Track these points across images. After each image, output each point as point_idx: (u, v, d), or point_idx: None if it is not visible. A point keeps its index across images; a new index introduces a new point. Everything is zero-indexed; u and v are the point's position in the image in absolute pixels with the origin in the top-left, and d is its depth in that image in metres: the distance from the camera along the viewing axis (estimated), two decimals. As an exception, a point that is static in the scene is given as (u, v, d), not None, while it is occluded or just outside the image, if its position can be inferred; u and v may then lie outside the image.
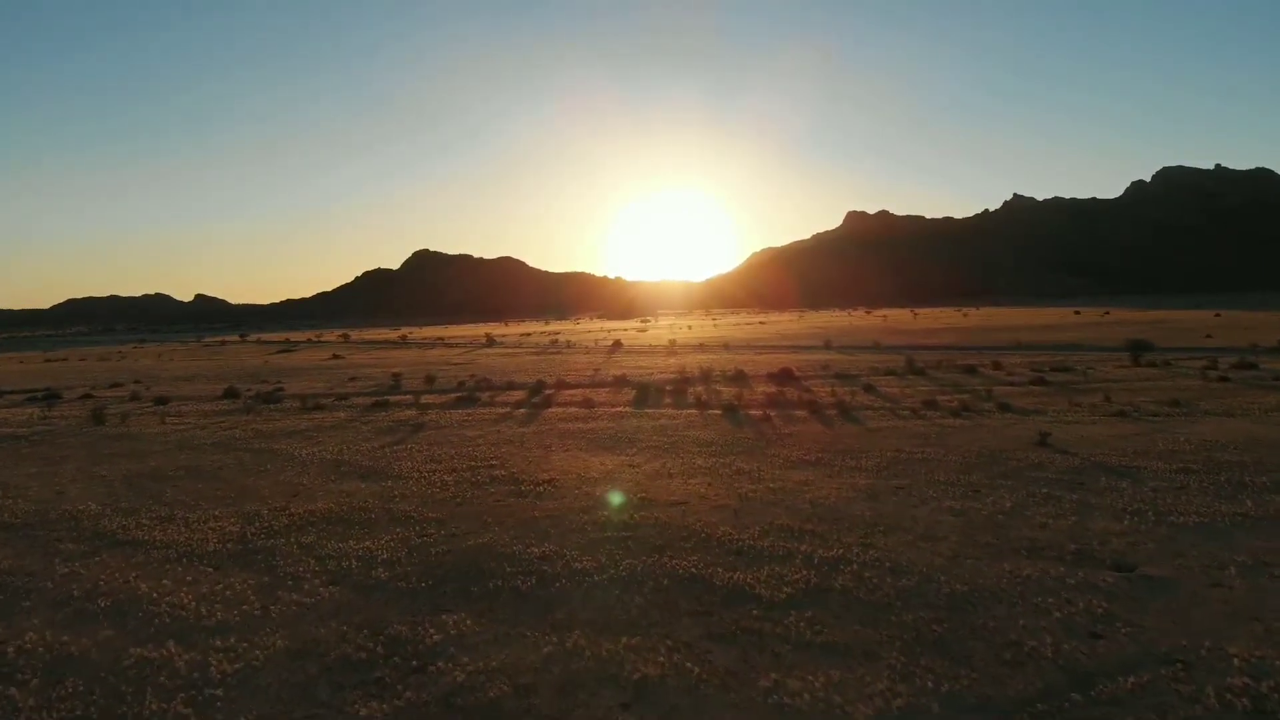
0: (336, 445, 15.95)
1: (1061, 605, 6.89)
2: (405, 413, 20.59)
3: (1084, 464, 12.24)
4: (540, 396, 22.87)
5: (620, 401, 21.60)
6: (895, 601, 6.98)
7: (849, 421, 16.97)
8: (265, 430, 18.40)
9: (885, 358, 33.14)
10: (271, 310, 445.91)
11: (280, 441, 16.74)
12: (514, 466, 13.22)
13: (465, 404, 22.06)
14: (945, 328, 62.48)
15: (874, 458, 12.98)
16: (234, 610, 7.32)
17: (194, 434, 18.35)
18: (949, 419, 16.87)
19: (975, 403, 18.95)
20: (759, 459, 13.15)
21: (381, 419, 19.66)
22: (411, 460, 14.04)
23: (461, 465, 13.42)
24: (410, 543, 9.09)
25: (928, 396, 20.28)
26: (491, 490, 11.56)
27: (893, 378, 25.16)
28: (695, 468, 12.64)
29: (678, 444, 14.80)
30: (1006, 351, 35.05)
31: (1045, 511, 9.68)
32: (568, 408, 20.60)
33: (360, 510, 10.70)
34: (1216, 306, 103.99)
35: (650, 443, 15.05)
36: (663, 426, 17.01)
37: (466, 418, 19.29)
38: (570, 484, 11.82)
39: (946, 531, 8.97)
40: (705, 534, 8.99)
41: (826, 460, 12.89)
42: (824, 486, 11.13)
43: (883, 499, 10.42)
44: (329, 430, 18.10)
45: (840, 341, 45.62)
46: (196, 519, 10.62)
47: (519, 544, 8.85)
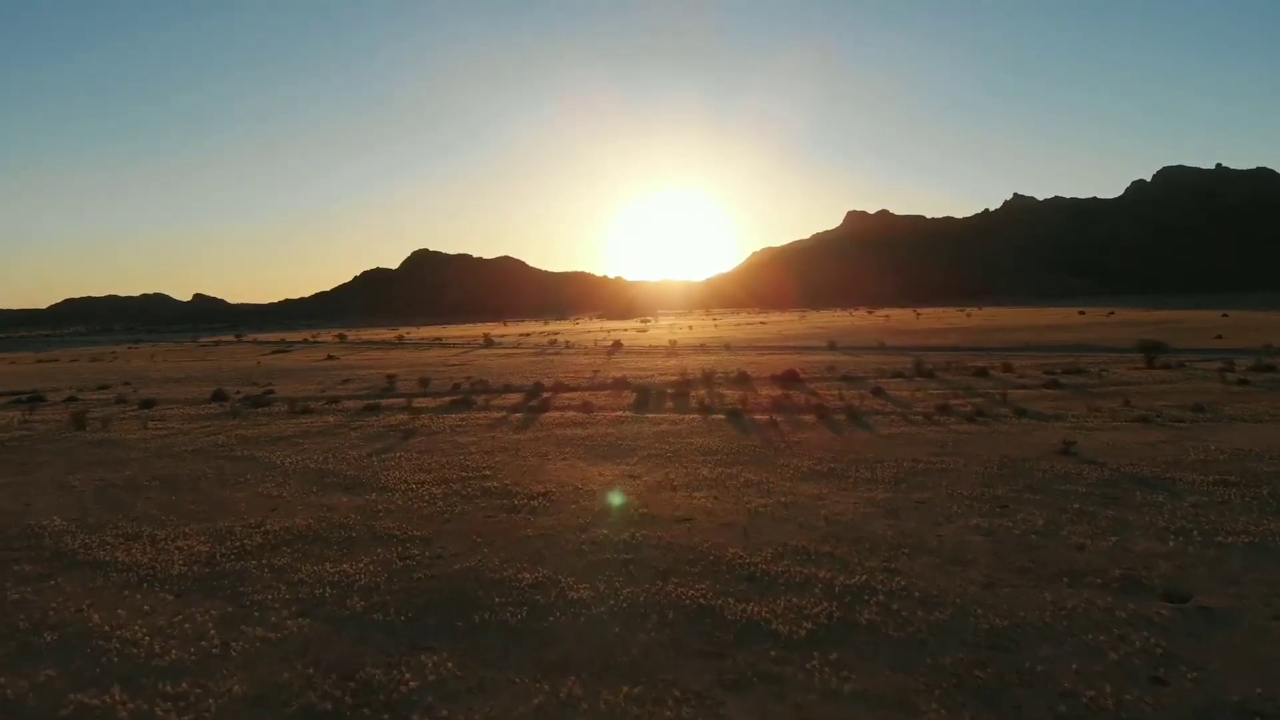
0: (322, 453, 15.20)
1: (1115, 644, 6.14)
2: (397, 417, 19.84)
3: (1114, 475, 11.49)
4: (537, 400, 22.12)
5: (620, 405, 20.85)
6: (929, 639, 6.22)
7: (860, 428, 16.22)
8: (250, 436, 17.64)
9: (891, 359, 32.40)
10: (270, 310, 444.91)
11: (264, 449, 15.98)
12: (507, 477, 12.47)
13: (460, 408, 21.30)
14: (949, 328, 61.73)
15: (890, 468, 12.23)
16: (191, 648, 6.56)
17: (175, 440, 17.60)
18: (964, 425, 16.12)
19: (990, 407, 18.21)
20: (768, 469, 12.40)
21: (372, 424, 18.90)
22: (399, 470, 13.29)
23: (452, 476, 12.67)
24: (391, 566, 8.34)
25: (940, 400, 19.54)
26: (482, 504, 10.80)
27: (901, 380, 24.41)
28: (700, 479, 11.89)
29: (681, 452, 14.05)
30: (1015, 353, 34.31)
31: (1081, 530, 8.93)
32: (565, 412, 19.85)
33: (340, 527, 9.94)
34: (1218, 306, 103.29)
35: (651, 451, 14.30)
36: (664, 433, 16.26)
37: (460, 423, 18.53)
38: (567, 497, 11.07)
39: (976, 554, 8.22)
40: (713, 556, 8.24)
41: (839, 471, 12.14)
42: (839, 501, 10.38)
43: (903, 515, 9.67)
44: (316, 436, 17.34)
45: (844, 342, 44.88)
46: (164, 537, 9.86)
47: (510, 568, 8.10)
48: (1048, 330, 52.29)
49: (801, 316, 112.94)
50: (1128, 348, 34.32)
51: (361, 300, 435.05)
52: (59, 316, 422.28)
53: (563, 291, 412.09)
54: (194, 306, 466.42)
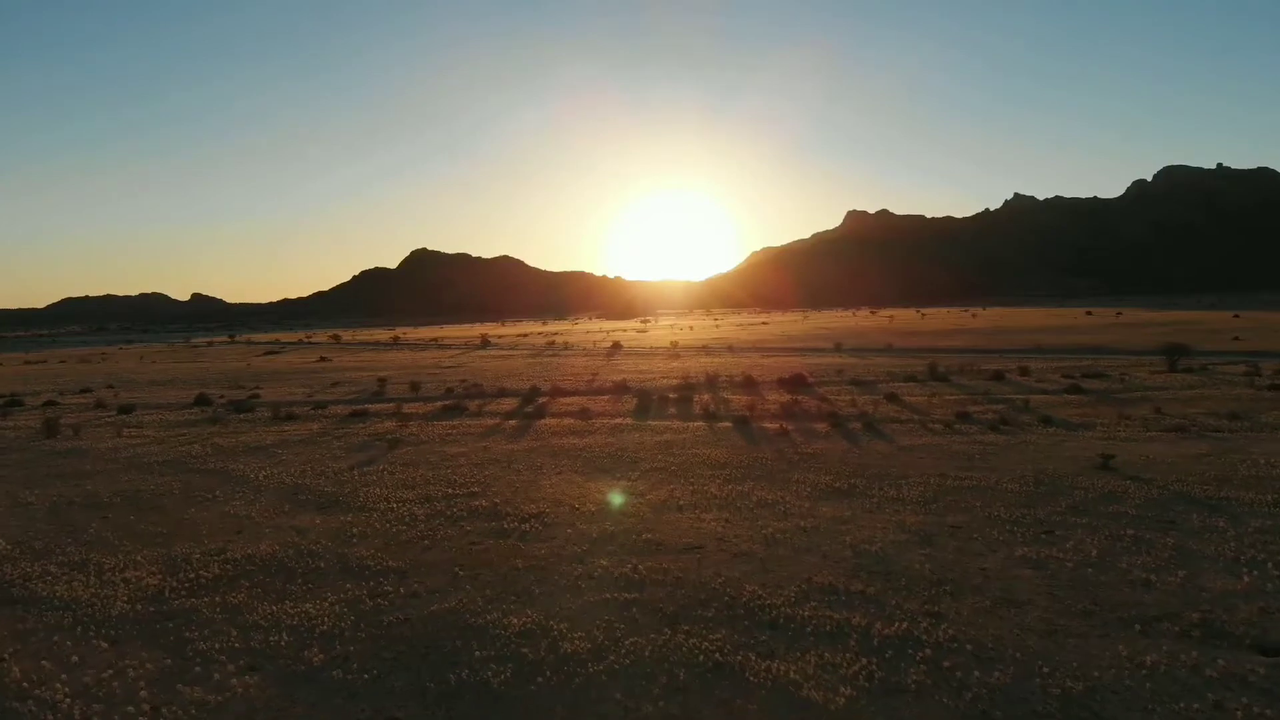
0: (300, 465, 14.16)
1: (1212, 714, 5.12)
2: (384, 424, 18.80)
3: (1163, 495, 10.47)
4: (533, 406, 21.08)
5: (620, 412, 19.82)
6: (993, 710, 5.19)
7: (877, 438, 15.18)
8: (226, 445, 16.60)
9: (901, 361, 31.37)
10: (268, 310, 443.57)
11: (239, 460, 14.94)
12: (498, 494, 11.43)
13: (451, 414, 20.26)
14: (956, 329, 60.66)
15: (916, 485, 11.19)
16: (115, 715, 5.53)
17: (147, 450, 16.55)
18: (989, 435, 15.09)
19: (1013, 415, 17.18)
20: (782, 486, 11.36)
21: (357, 432, 17.86)
22: (381, 486, 12.24)
23: (437, 492, 11.63)
24: (360, 606, 7.30)
25: (958, 407, 18.52)
26: (468, 528, 9.76)
27: (914, 385, 23.38)
28: (708, 498, 10.85)
29: (686, 466, 13.01)
30: (1028, 355, 33.28)
31: (1142, 563, 7.90)
32: (563, 419, 18.82)
33: (309, 555, 8.90)
34: (1222, 307, 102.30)
35: (654, 464, 13.26)
36: (668, 443, 15.23)
37: (450, 431, 17.49)
38: (562, 519, 10.03)
39: (1029, 592, 7.19)
40: (729, 595, 7.20)
41: (861, 488, 11.10)
42: (865, 525, 9.34)
43: (939, 543, 8.63)
44: (296, 446, 16.30)
45: (850, 344, 43.81)
46: (113, 566, 8.83)
47: (494, 609, 7.06)
48: (1058, 332, 51.23)
49: (804, 317, 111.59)
50: (1145, 350, 33.31)
51: (360, 300, 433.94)
52: (56, 316, 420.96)
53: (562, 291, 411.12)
54: (192, 306, 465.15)
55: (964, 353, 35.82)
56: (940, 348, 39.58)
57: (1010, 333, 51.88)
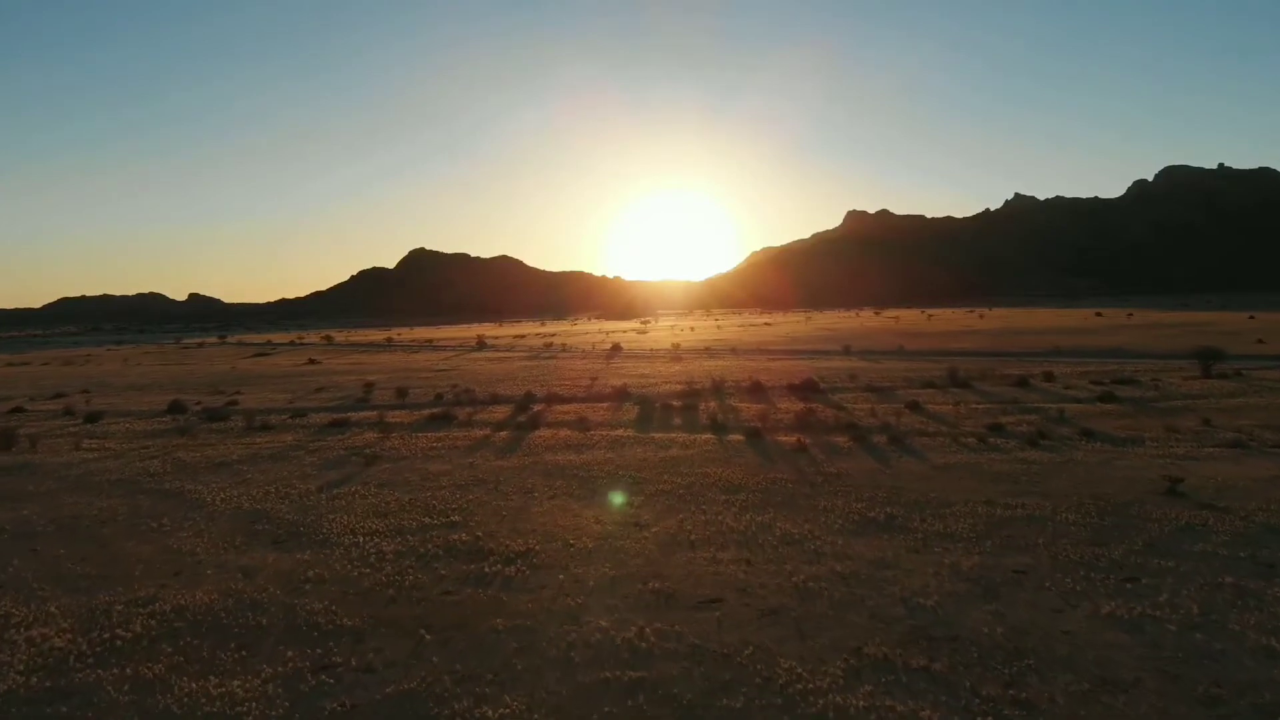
0: (264, 486, 12.71)
1: None
2: (364, 436, 17.34)
3: (1249, 528, 9.04)
4: (527, 415, 19.64)
5: (621, 422, 18.38)
6: None
7: (906, 454, 13.73)
8: (189, 461, 15.15)
9: (916, 365, 29.92)
10: (266, 310, 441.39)
11: (199, 479, 13.49)
12: (480, 525, 9.98)
13: (438, 424, 18.81)
14: (964, 330, 59.11)
15: (962, 515, 9.75)
16: None
17: (102, 466, 15.10)
18: (1029, 451, 13.65)
19: (1050, 427, 15.75)
20: (808, 516, 9.91)
21: (334, 445, 16.41)
22: (350, 513, 10.79)
23: (411, 522, 10.17)
24: (297, 686, 5.85)
25: (988, 417, 17.09)
26: (443, 570, 8.32)
27: (935, 391, 21.93)
28: (724, 531, 9.40)
29: (696, 489, 11.56)
30: (1048, 359, 31.84)
31: (1256, 622, 6.48)
32: (558, 430, 17.37)
33: (251, 607, 7.46)
34: (1234, 307, 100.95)
35: (660, 485, 11.82)
36: (674, 459, 13.78)
37: (435, 444, 16.04)
38: (553, 559, 8.59)
39: (1132, 669, 5.76)
40: (760, 676, 5.76)
41: (901, 519, 9.65)
42: (912, 570, 7.90)
43: (1005, 595, 7.20)
44: (265, 462, 14.85)
45: (859, 346, 42.27)
46: (21, 619, 7.40)
47: (464, 695, 5.62)
48: (1071, 333, 49.71)
49: (807, 318, 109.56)
50: (1169, 353, 31.91)
51: (358, 300, 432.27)
52: (52, 316, 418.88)
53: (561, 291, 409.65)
54: (190, 307, 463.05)
55: (978, 356, 34.38)
56: (952, 350, 38.13)
57: (1021, 334, 50.40)
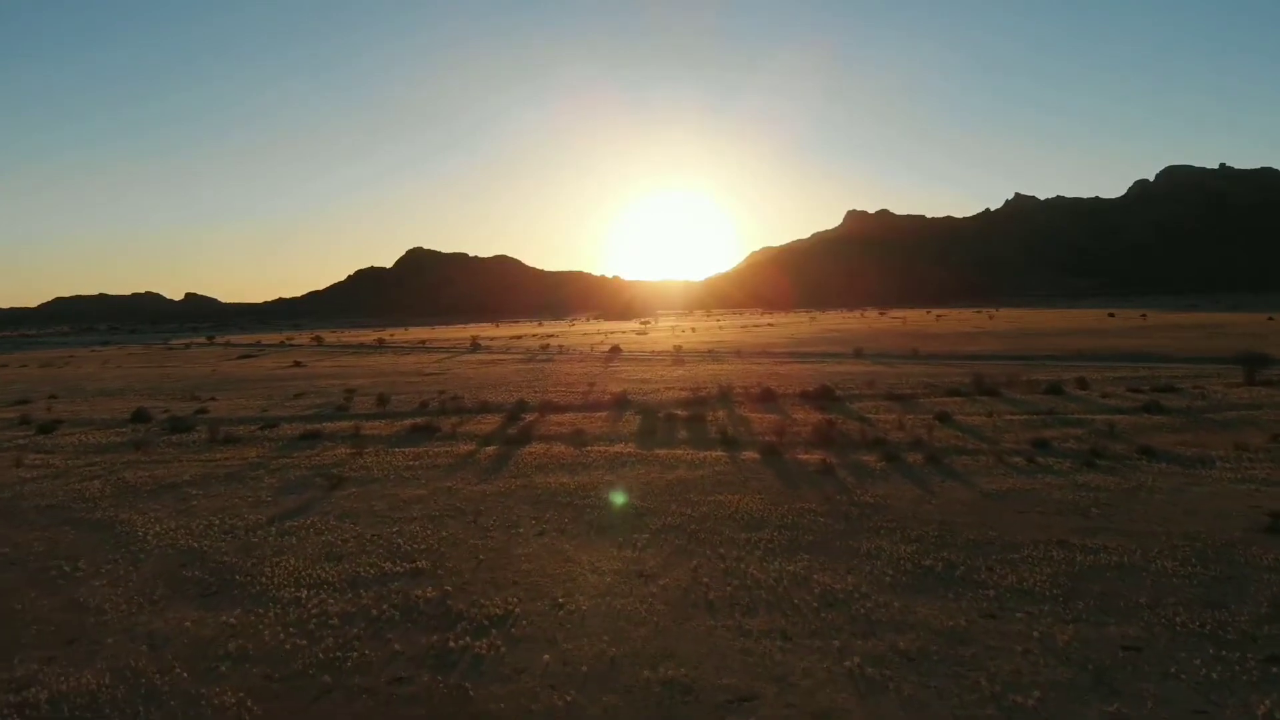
0: (210, 515, 10.95)
1: None
2: (334, 452, 15.57)
3: (1399, 581, 7.30)
4: (518, 426, 17.89)
5: (621, 435, 16.63)
6: None
7: (948, 477, 11.98)
8: (135, 482, 13.39)
9: (934, 370, 28.13)
10: (263, 309, 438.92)
11: (140, 505, 11.74)
12: (452, 573, 8.24)
13: (419, 437, 17.06)
14: (976, 331, 57.13)
15: (1035, 561, 8.01)
16: None
17: (37, 487, 13.35)
18: (1088, 474, 11.90)
19: (1102, 443, 14.00)
20: (850, 564, 8.16)
21: (299, 462, 14.64)
22: (299, 554, 9.03)
23: (369, 569, 8.42)
24: None
25: (1028, 431, 15.35)
26: (398, 645, 6.56)
27: (962, 400, 20.18)
28: (750, 585, 7.66)
29: (710, 523, 9.81)
30: (1074, 364, 30.09)
31: None
32: (551, 444, 15.62)
33: (145, 698, 5.73)
34: (1238, 308, 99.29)
35: (667, 519, 10.07)
36: (682, 483, 12.03)
37: (413, 462, 14.27)
38: (537, 626, 6.84)
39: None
40: (823, 841, 4.00)
41: (964, 568, 7.90)
42: (995, 647, 6.14)
43: (1124, 687, 5.46)
44: (218, 484, 13.08)
45: (870, 348, 40.34)
46: None
47: None
48: (1088, 335, 47.84)
49: (812, 319, 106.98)
50: (1203, 357, 30.19)
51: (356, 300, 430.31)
52: (48, 316, 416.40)
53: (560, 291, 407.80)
54: (186, 306, 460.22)
55: (997, 359, 32.61)
56: (968, 353, 36.35)
57: (1037, 336, 48.54)
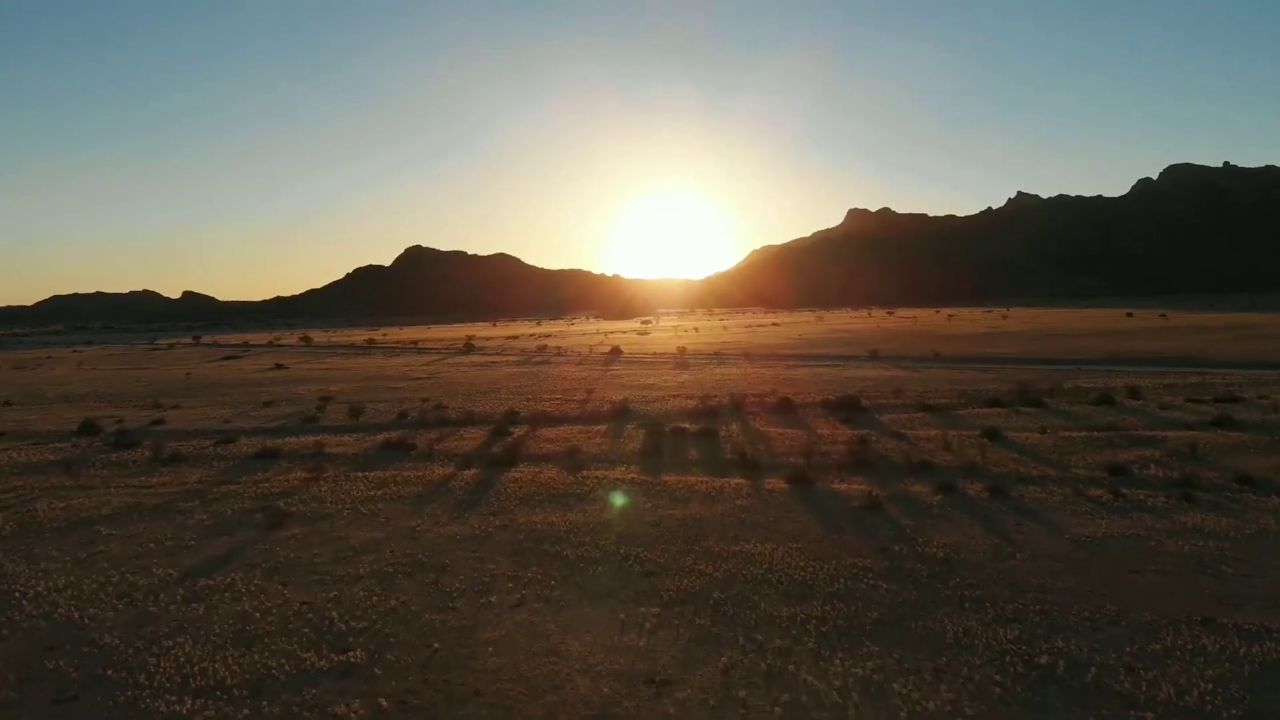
0: (110, 570, 8.76)
1: None
2: (289, 476, 13.37)
3: None
4: (504, 443, 15.71)
5: (621, 455, 14.44)
6: None
7: (1021, 515, 9.78)
8: (44, 517, 11.20)
9: (963, 375, 25.89)
10: (261, 308, 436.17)
11: (35, 550, 9.56)
12: (392, 676, 6.04)
13: (389, 456, 14.87)
14: (993, 332, 54.58)
15: (1186, 655, 5.82)
16: None
17: (-78, 522, 11.14)
18: (1191, 513, 9.71)
19: (1189, 468, 11.81)
20: (935, 663, 5.96)
21: (244, 491, 12.45)
22: (197, 638, 6.84)
23: (283, 665, 6.22)
24: None
25: (1094, 451, 13.18)
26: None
27: (1005, 412, 17.97)
28: (806, 703, 5.46)
29: (738, 588, 7.62)
30: (1112, 369, 27.90)
31: None
32: (541, 467, 13.44)
33: None
34: (1256, 308, 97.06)
35: (683, 581, 7.88)
36: (697, 523, 9.84)
37: (375, 492, 12.07)
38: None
39: None
40: None
41: (1096, 668, 5.70)
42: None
43: None
44: (140, 520, 10.89)
45: (886, 350, 37.93)
46: None
47: None
48: (1115, 336, 45.41)
49: (819, 319, 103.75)
50: (1245, 362, 28.02)
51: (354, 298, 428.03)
52: (44, 314, 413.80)
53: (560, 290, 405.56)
54: (183, 304, 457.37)
55: (1026, 363, 30.40)
56: (991, 356, 34.12)
57: (1059, 337, 46.20)
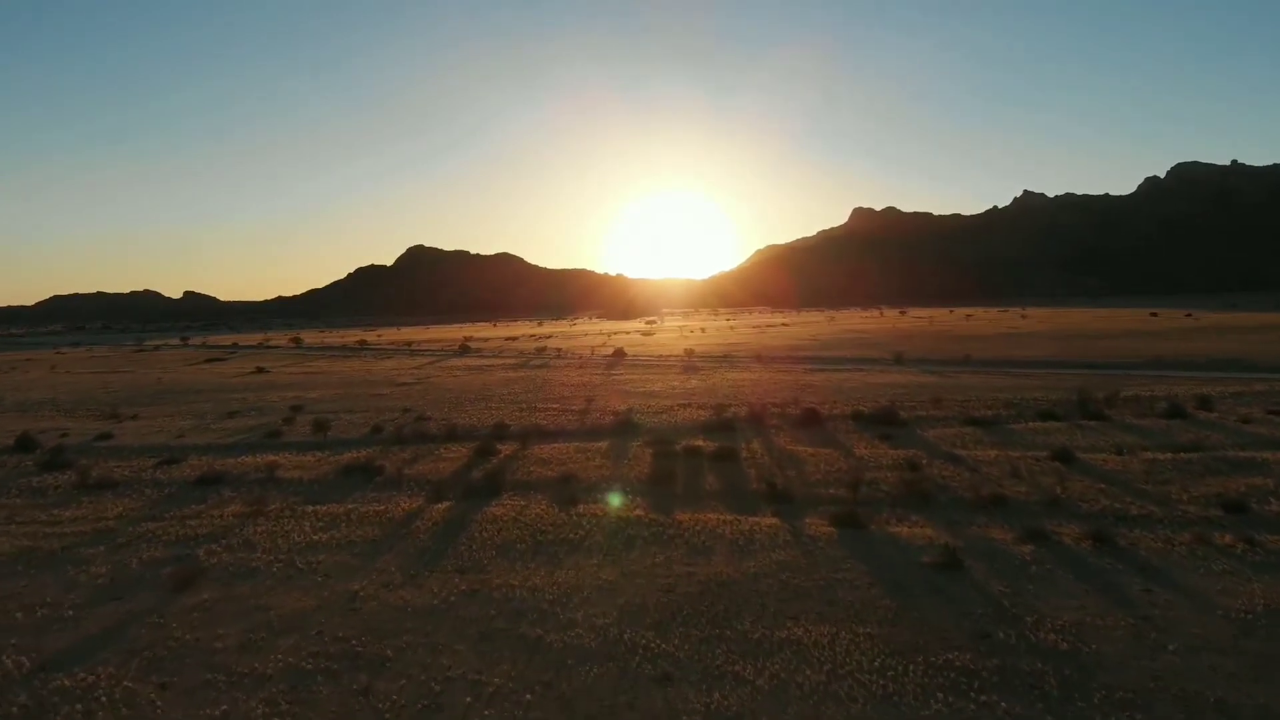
0: (-68, 659, 6.49)
1: None
2: (225, 510, 11.10)
3: None
4: (486, 467, 13.44)
5: (625, 481, 12.16)
6: None
7: (1145, 575, 7.47)
8: (-101, 567, 8.94)
9: (1000, 381, 23.49)
10: (262, 308, 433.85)
11: None
12: None
13: (350, 484, 12.60)
14: (1016, 333, 51.84)
15: None
16: None
17: None
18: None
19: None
20: None
21: (164, 531, 10.18)
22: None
23: None
24: None
25: (1191, 479, 10.87)
26: None
27: (1065, 426, 15.63)
28: None
29: (792, 709, 5.33)
30: (1162, 374, 25.50)
31: None
32: (528, 500, 11.16)
33: None
34: (1268, 307, 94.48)
35: (713, 694, 5.60)
36: (724, 588, 7.56)
37: (322, 534, 9.79)
38: None
39: None
40: None
41: None
42: None
43: None
44: (22, 575, 8.64)
45: (910, 353, 35.11)
46: None
47: None
48: (1148, 338, 42.79)
49: (830, 319, 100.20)
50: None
51: (356, 298, 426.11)
52: (44, 314, 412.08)
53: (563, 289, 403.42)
54: (184, 304, 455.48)
55: (1065, 368, 28.01)
56: (1025, 360, 31.71)
57: (1090, 338, 43.60)
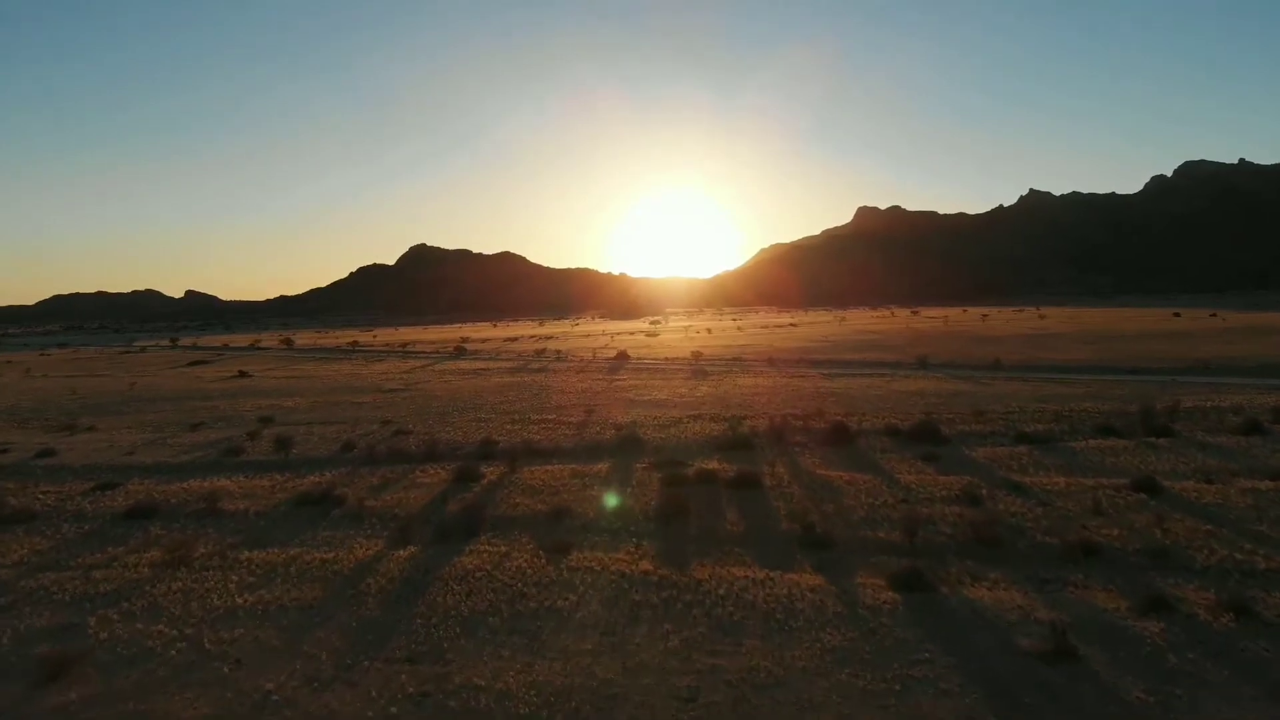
0: None
1: None
2: (143, 557, 9.18)
3: None
4: (464, 498, 11.50)
5: (627, 522, 10.20)
6: None
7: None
8: None
9: (1038, 389, 21.40)
10: (263, 307, 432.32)
11: None
12: None
13: (302, 518, 10.66)
14: (1039, 334, 49.05)
15: None
16: None
17: None
18: None
19: None
20: None
21: (62, 586, 8.26)
22: None
23: None
24: None
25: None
26: None
27: (1131, 445, 13.62)
28: None
29: None
30: (1213, 381, 23.43)
31: None
32: (510, 545, 9.22)
33: None
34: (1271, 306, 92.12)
35: None
36: (764, 695, 5.62)
37: (247, 594, 7.86)
38: None
39: None
40: None
41: None
42: None
43: None
44: None
45: (934, 356, 32.70)
46: None
47: None
48: (1178, 339, 40.38)
49: (839, 319, 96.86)
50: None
51: (358, 297, 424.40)
52: (45, 314, 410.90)
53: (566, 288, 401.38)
54: (186, 304, 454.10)
55: (1104, 373, 25.93)
56: (1058, 363, 29.57)
57: (1118, 340, 41.26)
